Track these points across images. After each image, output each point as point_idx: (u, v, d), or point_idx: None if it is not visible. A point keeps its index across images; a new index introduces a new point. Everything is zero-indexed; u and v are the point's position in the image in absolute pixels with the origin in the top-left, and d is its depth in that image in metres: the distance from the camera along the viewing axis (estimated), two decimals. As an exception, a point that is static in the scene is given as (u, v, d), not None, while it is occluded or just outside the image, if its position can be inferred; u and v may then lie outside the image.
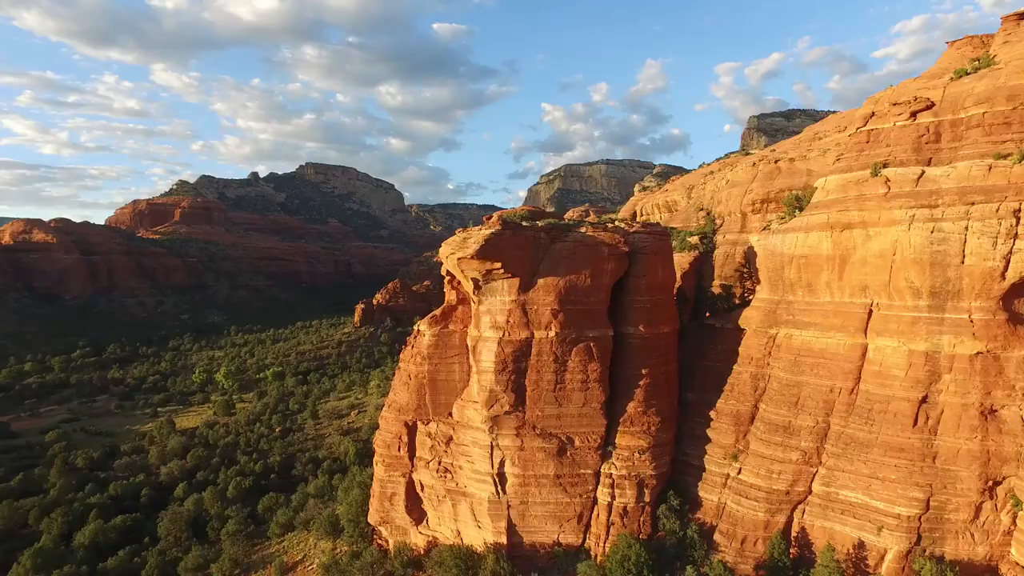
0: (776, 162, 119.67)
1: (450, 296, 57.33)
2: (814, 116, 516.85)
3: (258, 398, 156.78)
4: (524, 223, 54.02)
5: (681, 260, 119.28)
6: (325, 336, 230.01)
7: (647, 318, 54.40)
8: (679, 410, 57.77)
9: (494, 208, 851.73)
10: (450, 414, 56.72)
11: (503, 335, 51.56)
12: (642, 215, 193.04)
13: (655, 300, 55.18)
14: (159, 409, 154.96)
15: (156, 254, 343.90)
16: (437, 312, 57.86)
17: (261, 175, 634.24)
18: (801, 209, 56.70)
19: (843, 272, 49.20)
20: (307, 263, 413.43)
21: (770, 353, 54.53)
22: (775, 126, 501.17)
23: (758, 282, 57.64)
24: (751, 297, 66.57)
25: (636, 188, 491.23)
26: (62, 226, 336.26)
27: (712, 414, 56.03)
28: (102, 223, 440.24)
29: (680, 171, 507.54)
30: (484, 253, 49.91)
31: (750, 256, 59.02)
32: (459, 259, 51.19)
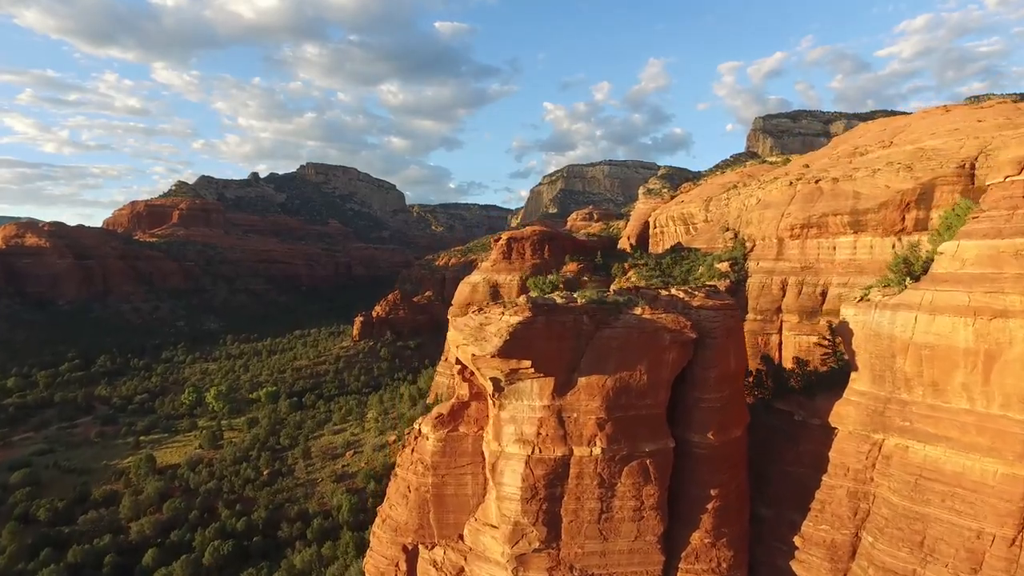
0: (817, 182, 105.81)
1: (461, 390, 43.74)
2: (820, 117, 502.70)
3: (248, 427, 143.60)
4: (558, 297, 40.15)
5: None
6: (323, 350, 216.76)
7: (717, 421, 40.87)
8: (750, 529, 44.45)
9: (496, 208, 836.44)
10: (461, 536, 43.33)
11: (532, 452, 38.06)
12: (655, 227, 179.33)
13: (727, 396, 41.60)
14: (142, 438, 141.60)
15: (152, 257, 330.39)
16: (444, 410, 44.21)
17: (262, 174, 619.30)
18: (914, 276, 42.88)
19: (990, 374, 35.76)
20: (307, 265, 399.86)
21: (874, 466, 41.04)
22: (781, 127, 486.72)
23: (855, 368, 43.95)
24: (830, 370, 53.27)
25: (640, 190, 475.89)
26: (56, 230, 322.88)
27: (797, 540, 42.67)
28: (104, 220, 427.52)
29: (684, 172, 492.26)
30: (509, 351, 36.33)
31: (842, 332, 45.22)
32: (474, 356, 37.66)
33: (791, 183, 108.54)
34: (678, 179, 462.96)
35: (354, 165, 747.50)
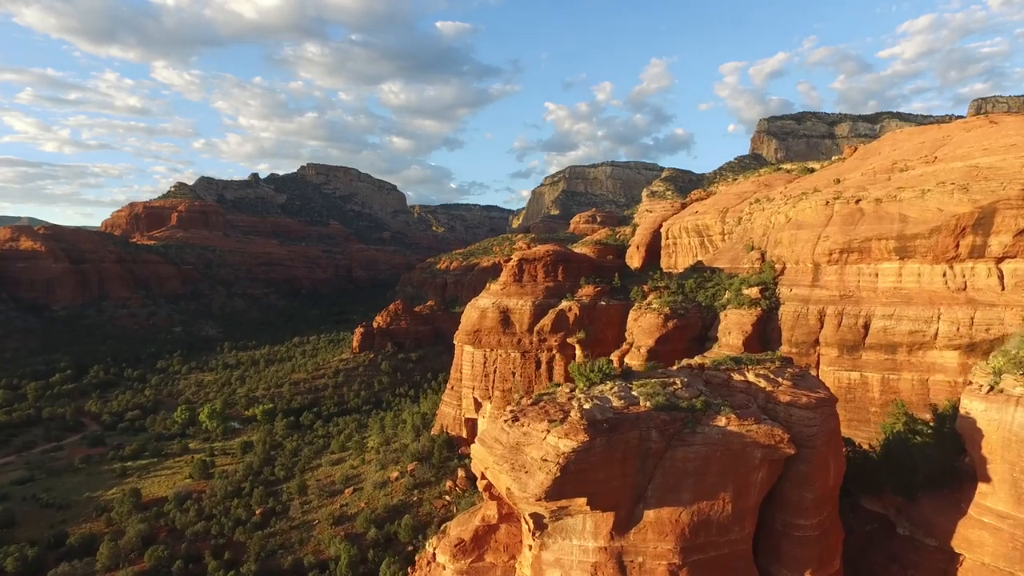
0: (857, 202, 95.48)
1: (487, 511, 33.88)
2: (825, 119, 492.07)
3: (242, 451, 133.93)
4: (614, 397, 30.24)
5: (741, 320, 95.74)
6: (322, 361, 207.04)
7: (816, 555, 31.12)
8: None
9: (497, 208, 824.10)
10: None
11: (583, 610, 28.48)
12: (668, 238, 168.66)
13: (826, 520, 31.85)
14: (129, 464, 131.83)
15: (150, 261, 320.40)
16: (465, 535, 34.28)
17: (263, 174, 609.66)
18: (1064, 364, 33.00)
19: None
20: (306, 268, 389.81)
21: (1025, 616, 31.42)
22: (785, 129, 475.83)
23: (985, 479, 34.18)
24: (927, 458, 43.48)
25: (644, 192, 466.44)
26: (51, 233, 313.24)
27: None
28: (103, 222, 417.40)
29: (688, 175, 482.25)
30: (559, 490, 26.56)
31: (966, 430, 35.33)
32: (509, 491, 27.93)
33: (827, 202, 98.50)
34: (682, 181, 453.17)
35: (355, 165, 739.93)
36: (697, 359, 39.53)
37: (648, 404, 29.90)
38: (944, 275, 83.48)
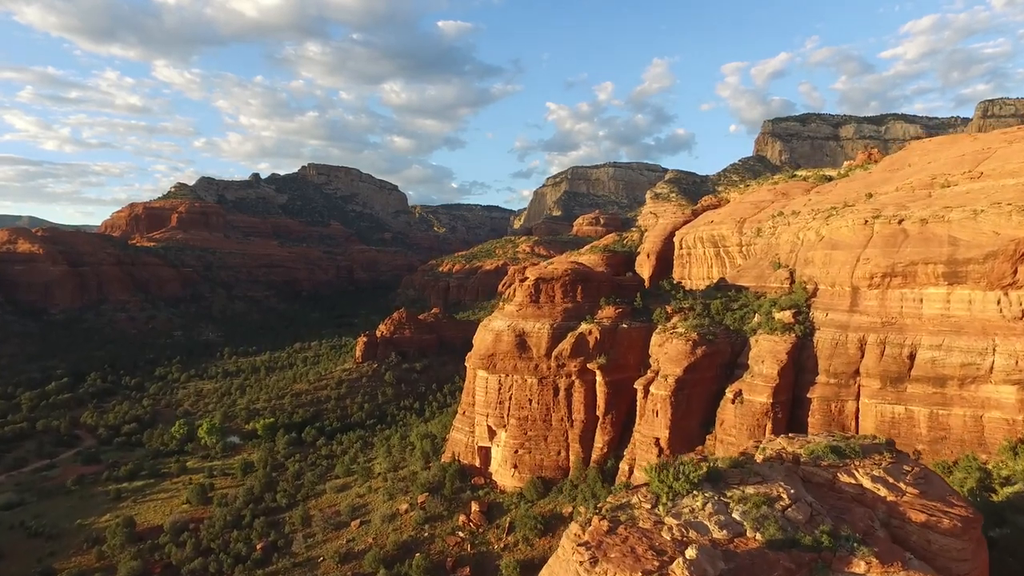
0: (900, 222, 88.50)
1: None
2: (829, 120, 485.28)
3: (242, 471, 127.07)
4: (714, 525, 22.95)
5: (775, 348, 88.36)
6: (324, 371, 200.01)
7: None
8: None
9: (499, 209, 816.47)
10: None
11: None
12: (681, 248, 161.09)
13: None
14: (124, 486, 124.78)
15: (149, 263, 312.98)
16: None
17: (264, 173, 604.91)
18: None
19: None
20: (307, 269, 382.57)
21: None
22: (789, 130, 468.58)
23: None
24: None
25: (647, 194, 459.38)
26: (50, 235, 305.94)
27: None
28: (102, 223, 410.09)
29: (691, 176, 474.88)
30: None
31: None
32: None
33: (865, 221, 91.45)
34: (686, 183, 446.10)
35: (356, 164, 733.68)
36: (783, 441, 32.62)
37: (759, 537, 22.93)
38: (999, 303, 76.50)
